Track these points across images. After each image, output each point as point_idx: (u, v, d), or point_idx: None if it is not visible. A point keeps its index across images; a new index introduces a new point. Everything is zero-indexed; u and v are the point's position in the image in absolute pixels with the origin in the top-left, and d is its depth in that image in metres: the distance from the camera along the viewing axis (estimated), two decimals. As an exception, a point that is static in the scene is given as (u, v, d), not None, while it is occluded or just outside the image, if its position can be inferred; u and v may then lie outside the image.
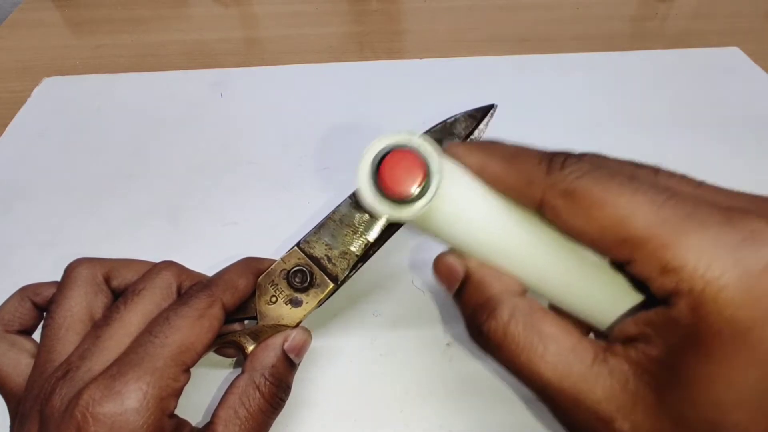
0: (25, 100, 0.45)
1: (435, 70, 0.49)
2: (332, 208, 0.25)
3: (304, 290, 0.24)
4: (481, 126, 0.26)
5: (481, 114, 0.26)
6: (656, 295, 0.15)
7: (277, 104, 0.45)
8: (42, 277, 0.24)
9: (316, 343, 0.26)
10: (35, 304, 0.23)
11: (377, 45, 0.54)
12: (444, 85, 0.47)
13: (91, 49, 0.53)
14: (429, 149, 0.18)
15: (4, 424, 0.22)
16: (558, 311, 0.20)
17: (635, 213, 0.15)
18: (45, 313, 0.22)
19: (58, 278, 0.24)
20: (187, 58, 0.52)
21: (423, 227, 0.20)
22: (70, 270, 0.23)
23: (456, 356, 0.28)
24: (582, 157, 0.17)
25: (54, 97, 0.46)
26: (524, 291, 0.19)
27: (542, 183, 0.17)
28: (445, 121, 0.26)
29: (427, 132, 0.25)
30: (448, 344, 0.29)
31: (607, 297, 0.18)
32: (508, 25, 0.56)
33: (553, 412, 0.18)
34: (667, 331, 0.15)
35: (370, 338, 0.29)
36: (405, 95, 0.46)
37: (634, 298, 0.18)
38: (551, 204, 0.17)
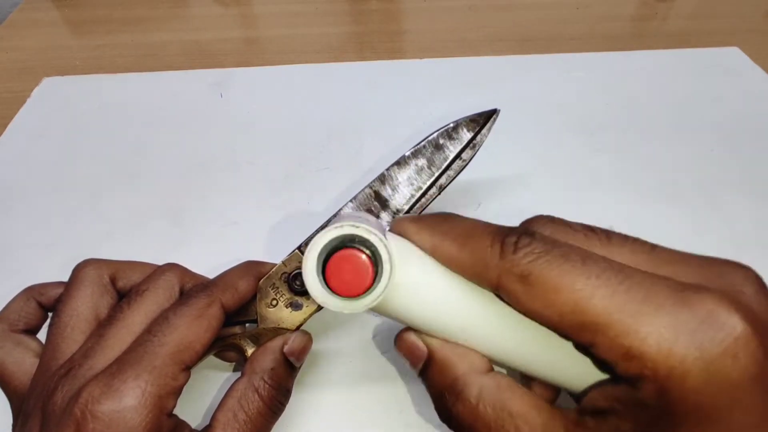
0: (25, 100, 0.45)
1: (435, 70, 0.49)
2: (332, 208, 0.25)
3: (304, 293, 0.24)
4: (484, 131, 0.25)
5: (483, 119, 0.25)
6: (622, 377, 0.16)
7: (277, 104, 0.45)
8: (42, 278, 0.24)
9: (316, 344, 0.26)
10: (40, 304, 0.23)
11: (377, 45, 0.54)
12: (444, 85, 0.47)
13: (91, 49, 0.53)
14: (377, 240, 0.17)
15: (5, 424, 0.22)
16: (528, 377, 0.20)
17: (592, 298, 0.15)
18: (51, 313, 0.22)
19: (58, 278, 0.24)
20: (187, 58, 0.52)
21: (380, 313, 0.19)
22: (78, 270, 0.23)
23: (456, 357, 0.28)
24: (533, 235, 0.17)
25: (54, 97, 0.46)
26: (490, 367, 0.19)
27: (497, 267, 0.17)
28: (446, 126, 0.25)
29: (415, 146, 0.25)
30: (447, 345, 0.29)
31: (576, 368, 0.18)
32: (508, 25, 0.56)
33: None
34: (636, 409, 0.15)
35: (370, 338, 0.29)
36: (405, 95, 0.46)
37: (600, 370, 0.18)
38: (508, 288, 0.17)
